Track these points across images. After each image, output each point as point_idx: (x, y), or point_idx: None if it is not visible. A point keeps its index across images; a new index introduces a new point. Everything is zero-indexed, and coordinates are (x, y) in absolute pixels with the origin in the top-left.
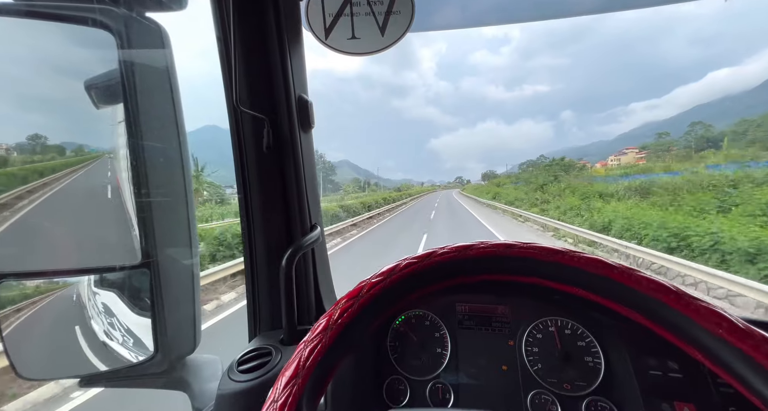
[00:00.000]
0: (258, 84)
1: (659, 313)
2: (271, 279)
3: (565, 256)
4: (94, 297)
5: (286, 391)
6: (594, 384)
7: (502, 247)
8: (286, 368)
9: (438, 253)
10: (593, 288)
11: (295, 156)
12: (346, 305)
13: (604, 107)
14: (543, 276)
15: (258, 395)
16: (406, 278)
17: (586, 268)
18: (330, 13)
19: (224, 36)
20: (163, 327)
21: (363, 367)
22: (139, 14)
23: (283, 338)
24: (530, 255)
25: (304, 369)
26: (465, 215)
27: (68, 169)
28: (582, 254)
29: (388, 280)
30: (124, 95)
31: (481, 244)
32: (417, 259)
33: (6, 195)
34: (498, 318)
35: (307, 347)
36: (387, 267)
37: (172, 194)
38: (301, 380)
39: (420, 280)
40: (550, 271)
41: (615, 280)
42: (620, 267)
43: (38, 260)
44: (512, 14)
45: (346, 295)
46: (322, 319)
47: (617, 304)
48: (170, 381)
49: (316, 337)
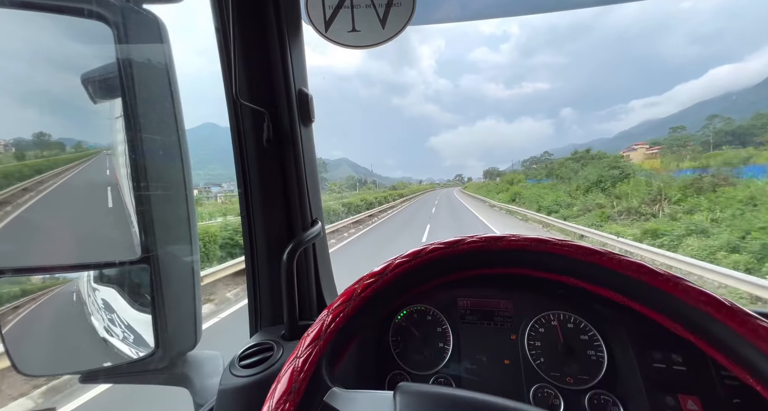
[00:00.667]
0: (258, 77)
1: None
2: (272, 274)
3: (603, 257)
4: (93, 293)
5: (308, 349)
6: (597, 377)
7: (534, 242)
8: (310, 330)
9: (466, 241)
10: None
11: (295, 150)
12: (339, 309)
13: (604, 105)
14: (579, 276)
15: (260, 390)
16: (433, 261)
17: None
18: (330, 5)
19: (223, 28)
20: (163, 323)
21: (365, 362)
22: (137, 5)
23: (285, 333)
24: (566, 253)
25: (326, 332)
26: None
27: (67, 165)
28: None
29: (414, 263)
30: (122, 89)
31: (512, 236)
32: (444, 244)
33: (4, 191)
34: (500, 312)
35: (330, 314)
36: (379, 267)
37: (171, 189)
38: (323, 342)
39: (445, 265)
40: (586, 271)
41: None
42: (666, 274)
43: (37, 256)
44: (511, 8)
45: (369, 273)
46: (315, 325)
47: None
48: (171, 377)
49: (339, 306)
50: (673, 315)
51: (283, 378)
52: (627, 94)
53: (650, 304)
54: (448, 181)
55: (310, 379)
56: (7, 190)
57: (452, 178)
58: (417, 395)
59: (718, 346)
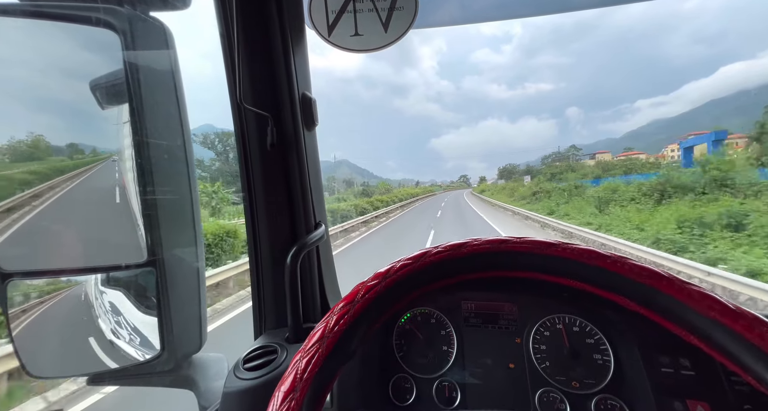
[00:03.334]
0: (261, 81)
1: (655, 299)
2: (276, 277)
3: (608, 260)
4: (101, 296)
5: (283, 406)
6: (603, 382)
7: (540, 245)
8: (282, 382)
9: (471, 244)
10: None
11: (299, 153)
12: (342, 311)
13: (609, 105)
14: (585, 280)
15: (264, 393)
16: (437, 264)
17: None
18: (333, 10)
19: (228, 33)
20: (169, 325)
21: (369, 366)
22: (144, 13)
23: (289, 336)
24: (572, 256)
25: (302, 381)
26: None
27: (76, 170)
28: (575, 246)
29: (418, 265)
30: (129, 95)
31: (517, 239)
32: (449, 247)
33: (15, 197)
34: (505, 315)
35: (304, 358)
36: (383, 269)
37: (177, 193)
38: (299, 394)
39: (450, 268)
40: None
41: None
42: (612, 255)
43: (46, 259)
44: (513, 10)
45: (342, 299)
46: (319, 327)
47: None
48: (177, 379)
49: (312, 347)
50: (678, 319)
51: (287, 379)
52: (632, 93)
53: (656, 307)
54: (452, 183)
55: (312, 379)
56: (18, 195)
57: (456, 180)
58: None
59: (722, 350)
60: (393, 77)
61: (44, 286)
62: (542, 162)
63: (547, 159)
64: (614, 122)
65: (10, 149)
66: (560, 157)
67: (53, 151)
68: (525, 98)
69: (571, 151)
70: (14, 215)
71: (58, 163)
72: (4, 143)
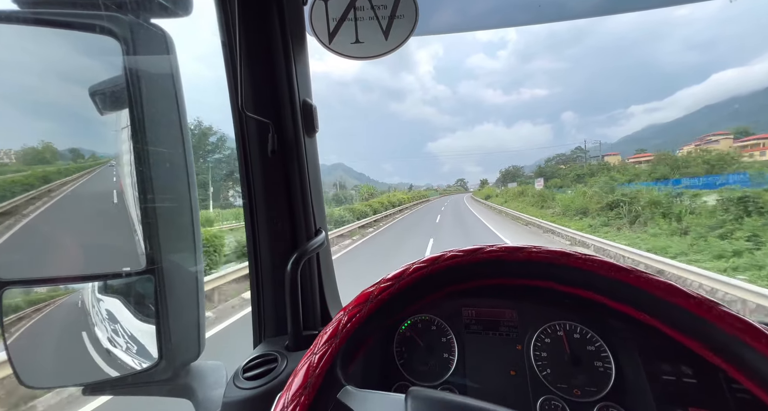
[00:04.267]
0: (263, 88)
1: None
2: (276, 284)
3: (630, 274)
4: (98, 303)
5: (324, 346)
6: (605, 389)
7: (557, 254)
8: (326, 328)
9: (485, 250)
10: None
11: (299, 160)
12: (355, 311)
13: (603, 110)
14: (601, 292)
15: (264, 402)
16: (450, 268)
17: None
18: (333, 17)
19: (229, 41)
20: (167, 333)
21: (370, 373)
22: (145, 21)
23: (289, 344)
24: (591, 268)
25: (342, 331)
26: None
27: (74, 175)
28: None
29: (432, 268)
30: (129, 101)
31: (533, 248)
32: (463, 252)
33: (11, 201)
34: (505, 322)
35: (346, 314)
36: (396, 271)
37: (176, 200)
38: (339, 340)
39: (463, 273)
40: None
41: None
42: (699, 297)
43: (42, 267)
44: (510, 18)
45: (388, 276)
46: (362, 295)
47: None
48: (175, 388)
49: (355, 307)
50: (704, 339)
51: (299, 373)
52: (626, 99)
53: (681, 327)
54: (448, 187)
55: (325, 375)
56: (15, 199)
57: (453, 183)
58: (428, 401)
59: (753, 375)
60: (390, 81)
61: (41, 294)
62: (545, 164)
63: (551, 161)
64: (609, 127)
65: (11, 154)
66: (565, 159)
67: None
68: (520, 103)
69: (577, 153)
70: (9, 221)
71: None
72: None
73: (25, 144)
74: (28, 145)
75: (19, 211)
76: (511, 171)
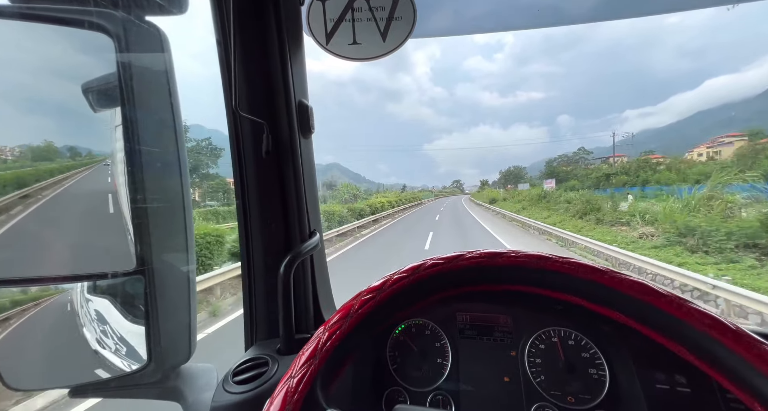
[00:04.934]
0: (258, 88)
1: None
2: (269, 286)
3: (604, 275)
4: (86, 304)
5: (303, 368)
6: (599, 397)
7: (534, 258)
8: (305, 348)
9: (466, 256)
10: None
11: (294, 161)
12: (335, 327)
13: (598, 114)
14: (580, 294)
15: (254, 407)
16: (432, 277)
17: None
18: (331, 18)
19: (224, 40)
20: (157, 335)
21: (362, 378)
22: (138, 18)
23: (280, 348)
24: (567, 271)
25: (322, 351)
26: None
27: (66, 173)
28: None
29: (413, 278)
30: (122, 99)
31: (512, 253)
32: (443, 260)
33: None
34: (500, 328)
35: (326, 331)
36: (412, 265)
37: (169, 200)
38: (319, 361)
39: (444, 281)
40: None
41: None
42: (669, 295)
43: (29, 266)
44: (506, 21)
45: (367, 289)
46: (342, 309)
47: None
48: (164, 391)
49: (336, 322)
50: (677, 337)
51: (276, 399)
52: (620, 104)
53: (653, 325)
54: (444, 188)
55: (303, 400)
56: (3, 197)
57: (449, 185)
58: None
59: (723, 370)
60: (387, 82)
61: (28, 294)
62: (547, 166)
63: (553, 162)
64: (603, 131)
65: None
66: (568, 160)
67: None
68: (517, 106)
69: (581, 153)
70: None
71: (47, 166)
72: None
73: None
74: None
75: (8, 209)
76: (513, 172)
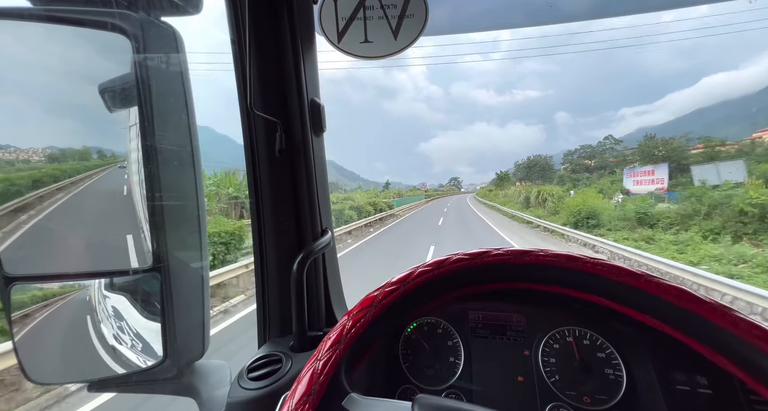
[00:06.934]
0: (271, 87)
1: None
2: (282, 284)
3: (640, 279)
4: (104, 300)
5: (329, 352)
6: (615, 398)
7: (564, 258)
8: (330, 333)
9: (492, 253)
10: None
11: (306, 160)
12: (391, 289)
13: (594, 112)
14: (610, 296)
15: (269, 403)
16: (456, 272)
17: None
18: (343, 17)
19: (239, 39)
20: (172, 331)
21: (375, 376)
22: (156, 18)
23: (293, 345)
24: (599, 272)
25: (347, 337)
26: None
27: (84, 173)
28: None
29: (437, 272)
30: (139, 99)
31: (540, 251)
32: (469, 256)
33: (21, 199)
34: (513, 326)
35: (351, 319)
36: (437, 259)
37: (184, 198)
38: (344, 346)
39: (469, 276)
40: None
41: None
42: (672, 286)
43: (50, 263)
44: (503, 19)
45: (392, 280)
46: (335, 330)
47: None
48: (179, 387)
49: (360, 312)
50: (717, 346)
51: (303, 379)
52: (616, 102)
53: (690, 331)
54: (440, 187)
55: (329, 382)
56: (24, 197)
57: (446, 183)
58: (435, 408)
59: (748, 368)
60: (382, 80)
61: (48, 290)
62: (564, 159)
63: (572, 155)
64: (599, 129)
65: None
66: (593, 151)
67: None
68: (513, 104)
69: (608, 143)
70: (21, 218)
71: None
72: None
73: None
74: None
75: (30, 208)
76: (540, 162)
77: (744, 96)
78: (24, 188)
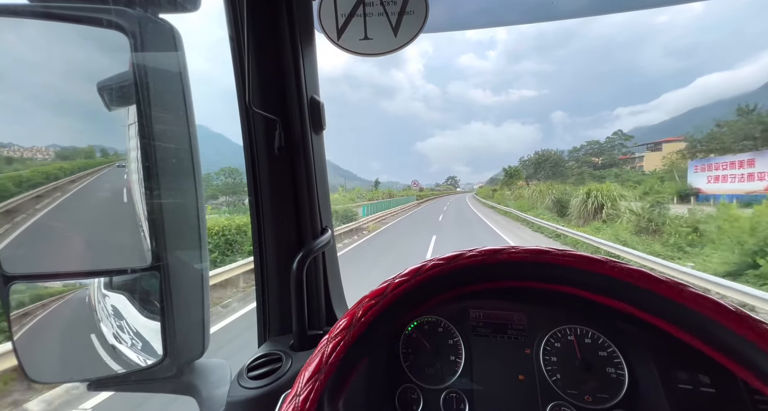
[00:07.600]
0: (270, 84)
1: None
2: (282, 283)
3: (605, 265)
4: (103, 299)
5: (308, 385)
6: (617, 397)
7: (533, 253)
8: (308, 363)
9: (466, 255)
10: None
11: (306, 158)
12: (370, 304)
13: (590, 112)
14: (581, 286)
15: (269, 402)
16: (433, 278)
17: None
18: (342, 13)
19: (237, 36)
20: (172, 330)
21: (375, 375)
22: (153, 15)
23: (293, 343)
24: (567, 263)
25: (327, 365)
26: None
27: (83, 172)
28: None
29: (414, 281)
30: (137, 97)
31: (512, 248)
32: (444, 260)
33: (19, 198)
34: (514, 325)
35: (330, 343)
36: (412, 267)
37: (182, 196)
38: (324, 376)
39: (447, 281)
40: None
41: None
42: (669, 281)
43: (49, 262)
44: (499, 17)
45: (369, 293)
46: (345, 317)
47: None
48: (179, 386)
49: (338, 334)
50: (719, 346)
51: (312, 362)
52: (612, 101)
53: (681, 323)
54: (437, 186)
55: (339, 362)
56: (22, 196)
57: (443, 182)
58: None
59: (752, 368)
60: (379, 79)
61: (48, 289)
62: (570, 156)
63: (578, 151)
64: (594, 129)
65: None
66: (600, 148)
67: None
68: (509, 103)
69: (617, 139)
70: (18, 217)
71: (65, 164)
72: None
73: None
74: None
75: (29, 207)
76: (551, 157)
77: (738, 96)
78: (24, 187)
